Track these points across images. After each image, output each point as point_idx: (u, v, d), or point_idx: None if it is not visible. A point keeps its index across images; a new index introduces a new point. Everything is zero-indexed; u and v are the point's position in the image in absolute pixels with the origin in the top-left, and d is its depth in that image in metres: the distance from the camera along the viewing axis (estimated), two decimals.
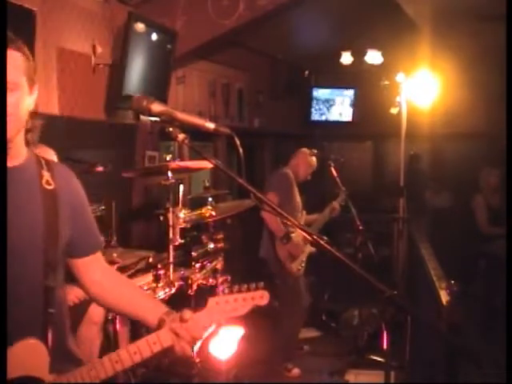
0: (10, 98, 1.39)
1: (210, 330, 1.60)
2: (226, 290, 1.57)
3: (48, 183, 1.53)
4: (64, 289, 1.61)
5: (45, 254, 1.49)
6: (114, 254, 3.04)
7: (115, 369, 1.49)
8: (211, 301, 1.56)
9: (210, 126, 1.42)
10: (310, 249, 4.38)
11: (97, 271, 1.70)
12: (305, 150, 4.57)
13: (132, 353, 1.51)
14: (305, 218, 4.55)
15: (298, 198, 4.50)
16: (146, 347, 1.51)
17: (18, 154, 1.50)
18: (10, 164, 1.46)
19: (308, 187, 4.70)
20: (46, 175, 1.54)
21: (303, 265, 4.39)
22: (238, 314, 1.57)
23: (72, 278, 1.68)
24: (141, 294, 1.76)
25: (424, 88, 4.57)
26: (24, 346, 1.42)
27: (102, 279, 1.70)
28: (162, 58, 4.33)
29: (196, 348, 1.52)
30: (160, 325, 1.56)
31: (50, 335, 1.48)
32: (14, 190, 1.46)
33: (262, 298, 1.59)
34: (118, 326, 2.78)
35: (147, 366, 2.92)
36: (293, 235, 4.21)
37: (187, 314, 1.52)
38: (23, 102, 1.43)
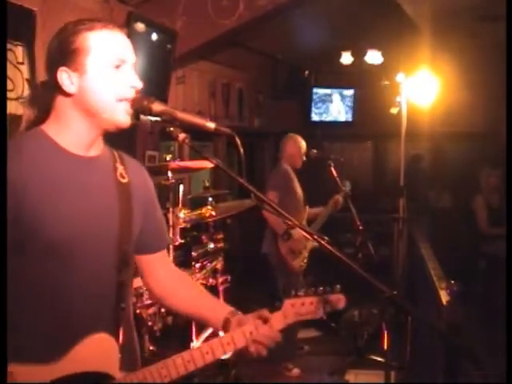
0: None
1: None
2: (302, 292, 1.55)
3: (122, 176, 1.50)
4: (132, 283, 1.60)
5: (119, 248, 1.46)
6: None
7: (187, 368, 1.46)
8: (287, 303, 1.54)
9: (211, 125, 1.42)
10: (312, 244, 4.36)
11: (161, 270, 1.67)
12: (290, 134, 4.60)
13: (204, 352, 1.48)
14: (308, 211, 4.56)
15: (300, 192, 4.51)
16: (220, 347, 1.49)
17: (98, 144, 1.47)
18: (88, 154, 1.44)
19: (308, 188, 4.70)
20: (120, 168, 1.52)
21: (305, 261, 4.39)
22: (313, 317, 1.56)
23: None
24: (205, 295, 1.72)
25: (424, 88, 4.57)
26: (95, 341, 1.38)
27: (166, 278, 1.67)
28: (162, 58, 4.33)
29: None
30: (225, 325, 1.55)
31: (121, 331, 1.45)
32: (92, 180, 1.43)
33: (338, 301, 1.56)
34: None
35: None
36: (294, 231, 4.21)
37: (267, 314, 1.52)
38: None
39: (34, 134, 1.41)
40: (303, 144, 4.54)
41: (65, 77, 1.38)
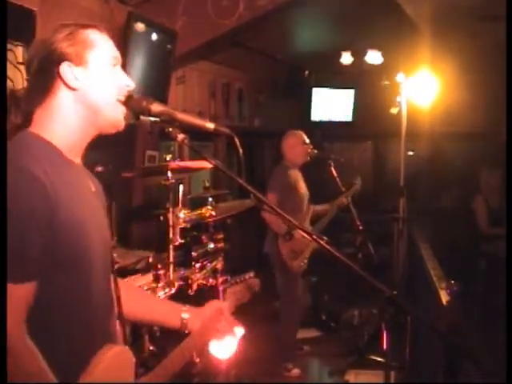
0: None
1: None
2: (233, 281, 1.89)
3: (91, 186, 1.49)
4: None
5: (111, 256, 1.48)
6: (114, 254, 3.03)
7: (180, 363, 1.64)
8: (229, 292, 1.84)
9: (210, 126, 1.42)
10: (314, 245, 4.33)
11: None
12: (289, 132, 4.53)
13: (186, 351, 1.67)
14: (313, 209, 4.54)
15: (303, 190, 4.47)
16: (196, 344, 1.70)
17: (82, 152, 1.46)
18: (76, 161, 1.43)
19: (308, 188, 4.70)
20: (87, 177, 1.51)
21: (305, 261, 4.37)
22: (245, 300, 1.88)
23: None
24: (154, 301, 1.85)
25: (424, 88, 4.57)
26: (115, 355, 1.37)
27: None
28: (162, 58, 4.33)
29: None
30: (183, 325, 1.66)
31: (123, 335, 1.49)
32: (85, 188, 1.43)
33: (256, 285, 1.94)
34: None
35: (147, 366, 2.92)
36: (295, 231, 4.21)
37: (225, 305, 1.76)
38: None
39: (32, 139, 1.34)
40: (304, 138, 4.43)
41: (68, 71, 1.36)
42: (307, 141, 4.44)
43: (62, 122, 1.37)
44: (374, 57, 6.65)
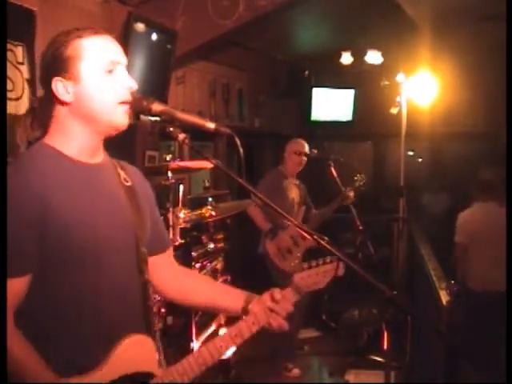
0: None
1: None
2: (306, 266, 1.70)
3: (126, 180, 1.54)
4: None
5: (137, 248, 1.49)
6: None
7: (220, 353, 1.55)
8: (296, 277, 1.68)
9: (211, 125, 1.42)
10: (306, 244, 4.31)
11: (168, 270, 1.70)
12: (292, 140, 4.57)
13: (233, 336, 1.58)
14: (314, 213, 4.56)
15: (293, 196, 4.49)
16: (246, 328, 1.59)
17: (100, 151, 1.49)
18: (93, 161, 1.46)
19: (308, 188, 4.70)
20: (122, 173, 1.55)
21: (297, 261, 4.34)
22: (320, 286, 1.72)
23: None
24: (217, 286, 1.85)
25: (424, 88, 4.58)
26: (133, 343, 1.42)
27: (175, 277, 1.71)
28: (162, 58, 4.33)
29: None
30: (244, 312, 1.64)
31: (151, 328, 1.50)
32: (102, 186, 1.46)
33: (339, 268, 1.72)
34: None
35: None
36: (282, 230, 4.22)
37: (278, 294, 1.62)
38: None
39: (40, 148, 1.42)
40: (302, 149, 4.47)
41: (60, 86, 1.39)
42: (306, 151, 4.46)
43: (66, 132, 1.42)
44: (374, 57, 6.65)
